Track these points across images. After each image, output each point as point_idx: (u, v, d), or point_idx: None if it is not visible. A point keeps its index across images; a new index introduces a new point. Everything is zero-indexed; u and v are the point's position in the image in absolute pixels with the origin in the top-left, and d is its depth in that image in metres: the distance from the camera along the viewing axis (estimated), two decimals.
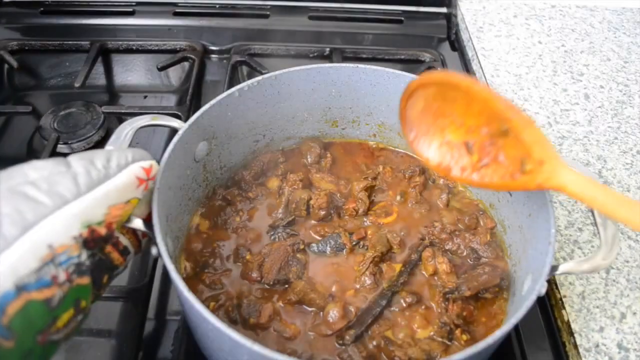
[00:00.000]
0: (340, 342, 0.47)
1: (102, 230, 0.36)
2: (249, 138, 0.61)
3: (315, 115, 0.63)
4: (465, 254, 0.54)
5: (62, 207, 0.33)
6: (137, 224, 0.42)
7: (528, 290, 0.44)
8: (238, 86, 0.55)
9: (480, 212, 0.58)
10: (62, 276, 0.33)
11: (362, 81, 0.59)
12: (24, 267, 0.31)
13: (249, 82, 0.55)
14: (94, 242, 0.36)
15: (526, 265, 0.49)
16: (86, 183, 0.35)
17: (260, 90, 0.57)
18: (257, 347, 0.35)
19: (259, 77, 0.56)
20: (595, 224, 0.46)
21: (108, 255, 0.39)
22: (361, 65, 0.58)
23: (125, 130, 0.48)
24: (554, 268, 0.43)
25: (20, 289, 0.31)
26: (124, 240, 0.41)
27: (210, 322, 0.37)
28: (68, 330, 0.35)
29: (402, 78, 0.58)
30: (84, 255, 0.35)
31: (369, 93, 0.60)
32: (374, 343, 0.47)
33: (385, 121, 0.63)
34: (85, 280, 0.36)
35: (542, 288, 0.41)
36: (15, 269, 0.31)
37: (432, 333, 0.48)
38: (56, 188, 0.34)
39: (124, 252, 0.41)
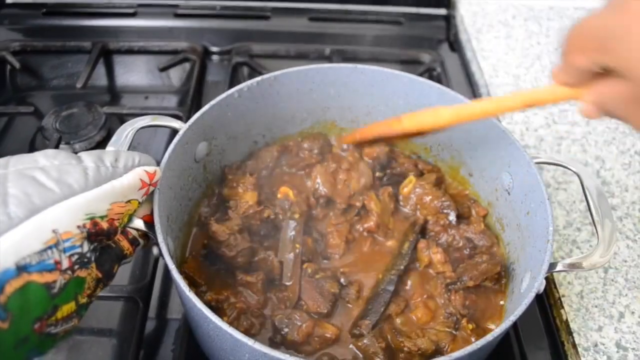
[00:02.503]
0: (357, 332, 0.47)
1: (104, 225, 0.37)
2: (249, 138, 0.61)
3: (314, 115, 0.63)
4: (461, 244, 0.55)
5: (70, 197, 0.34)
6: (138, 224, 0.42)
7: (527, 288, 0.45)
8: (238, 87, 0.55)
9: (472, 201, 0.59)
10: (65, 263, 0.34)
11: (360, 81, 0.60)
12: (27, 247, 0.31)
13: (249, 82, 0.56)
14: (96, 235, 0.36)
15: (525, 263, 0.49)
16: (95, 178, 0.36)
17: (259, 91, 0.57)
18: (257, 346, 0.35)
19: (258, 78, 0.56)
20: (592, 222, 0.46)
21: (118, 244, 0.40)
22: (359, 65, 0.59)
23: (126, 131, 0.48)
24: (552, 266, 0.43)
25: (21, 268, 0.31)
26: (132, 231, 0.42)
27: (212, 322, 0.37)
28: (67, 325, 0.36)
29: (400, 78, 0.58)
30: (86, 247, 0.36)
31: (367, 93, 0.61)
32: (386, 331, 0.47)
33: None
34: (84, 273, 0.36)
35: (540, 285, 0.41)
36: (18, 248, 0.31)
37: (438, 323, 0.49)
38: (66, 178, 0.34)
39: (133, 241, 0.42)
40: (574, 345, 0.52)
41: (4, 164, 0.34)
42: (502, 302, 0.51)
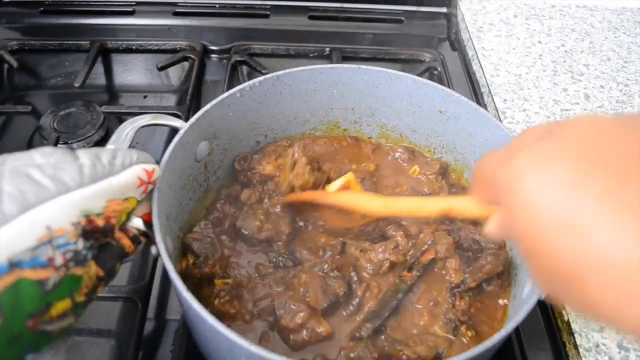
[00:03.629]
0: (358, 335, 0.46)
1: (100, 222, 0.37)
2: (251, 138, 0.60)
3: (317, 116, 0.63)
4: (466, 245, 0.54)
5: (64, 193, 0.34)
6: (137, 223, 0.42)
7: (529, 294, 0.44)
8: (240, 86, 0.55)
9: None
10: (59, 260, 0.33)
11: (364, 82, 0.59)
12: (20, 243, 0.31)
13: (251, 82, 0.55)
14: (91, 232, 0.36)
15: (527, 269, 0.48)
16: (90, 175, 0.35)
17: (261, 91, 0.57)
18: (254, 348, 0.35)
19: (261, 78, 0.56)
20: None
21: (119, 241, 0.40)
22: (363, 66, 0.58)
23: (126, 130, 0.48)
24: None
25: (14, 264, 0.31)
26: (132, 229, 0.42)
27: (208, 323, 0.36)
28: (63, 324, 0.35)
29: (403, 79, 0.58)
30: (81, 244, 0.35)
31: (370, 94, 0.60)
32: (382, 342, 0.47)
33: (387, 122, 0.63)
34: (80, 270, 0.35)
35: (542, 292, 0.41)
36: (11, 244, 0.31)
37: (437, 329, 0.48)
38: (61, 175, 0.34)
39: (134, 239, 0.41)
40: (576, 346, 0.52)
41: (0, 161, 0.34)
42: (502, 309, 0.50)
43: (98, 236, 0.37)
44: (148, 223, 0.42)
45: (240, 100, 0.55)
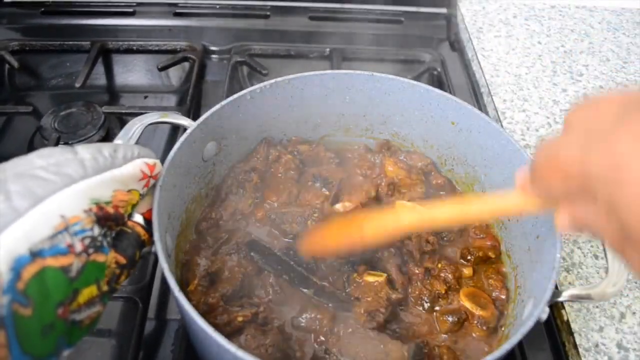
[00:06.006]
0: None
1: (110, 210, 0.37)
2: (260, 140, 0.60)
3: (328, 121, 0.62)
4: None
5: (71, 184, 0.34)
6: (138, 219, 0.42)
7: (527, 315, 0.43)
8: (250, 88, 0.55)
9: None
10: (79, 246, 0.34)
11: (376, 89, 0.58)
12: (38, 233, 0.32)
13: (262, 84, 0.55)
14: (104, 219, 0.37)
15: (530, 289, 0.47)
16: (93, 167, 0.36)
17: (272, 94, 0.56)
18: (240, 353, 0.35)
19: (272, 80, 0.56)
20: (603, 248, 0.45)
21: (133, 229, 0.41)
22: (376, 74, 0.58)
23: (135, 127, 0.48)
24: (556, 294, 0.42)
25: (35, 254, 0.31)
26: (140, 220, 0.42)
27: (198, 324, 0.36)
28: (91, 312, 0.36)
29: (417, 88, 0.57)
30: (97, 231, 0.36)
31: (383, 102, 0.59)
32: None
33: (399, 131, 0.62)
34: (102, 257, 0.36)
35: (542, 314, 0.40)
36: (29, 235, 0.31)
37: None
38: (64, 169, 0.35)
39: (147, 228, 0.42)
40: (575, 346, 0.52)
41: (1, 170, 0.34)
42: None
43: (111, 224, 0.38)
44: (148, 220, 0.43)
45: (250, 102, 0.55)
